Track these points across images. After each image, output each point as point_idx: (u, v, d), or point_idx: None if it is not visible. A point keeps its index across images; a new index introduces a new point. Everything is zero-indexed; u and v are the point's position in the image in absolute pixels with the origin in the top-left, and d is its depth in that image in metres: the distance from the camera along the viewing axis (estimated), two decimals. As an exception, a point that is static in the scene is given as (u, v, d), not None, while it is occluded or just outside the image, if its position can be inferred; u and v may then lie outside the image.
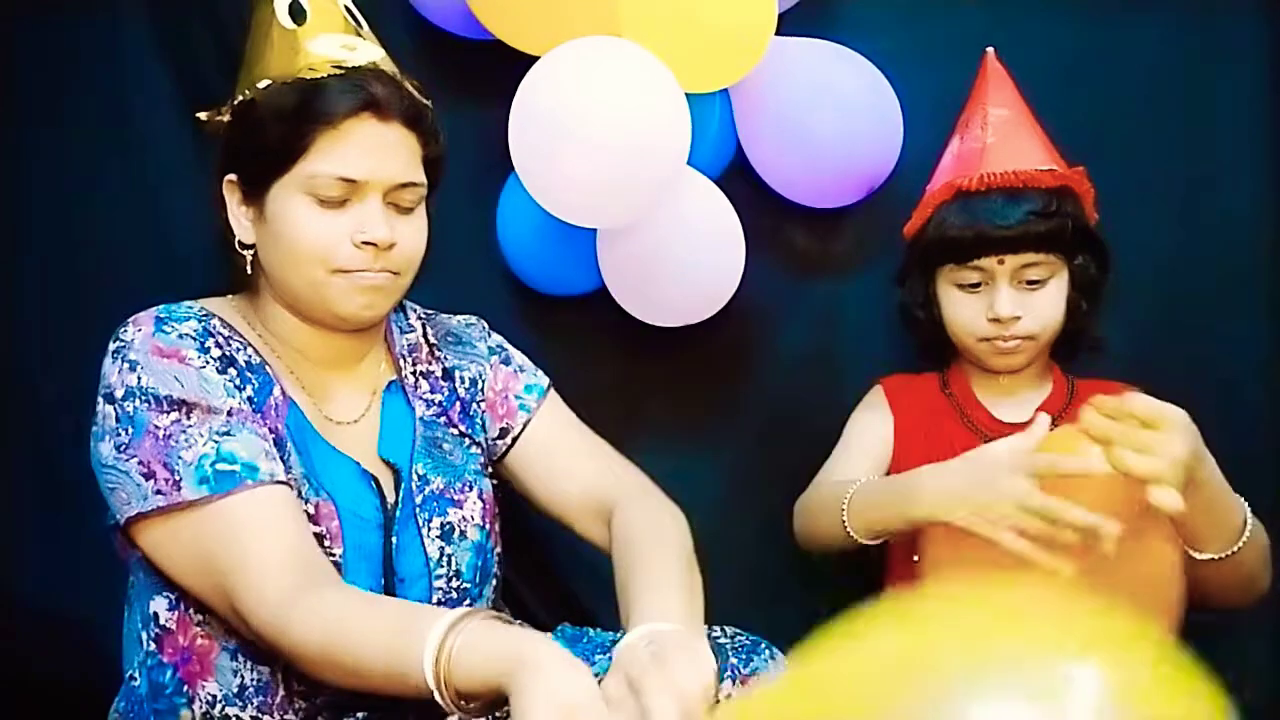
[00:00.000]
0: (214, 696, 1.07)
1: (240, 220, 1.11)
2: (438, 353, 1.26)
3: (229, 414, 1.01)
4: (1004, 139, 1.31)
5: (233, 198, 1.11)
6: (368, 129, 1.07)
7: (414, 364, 1.23)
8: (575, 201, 1.34)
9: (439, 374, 1.25)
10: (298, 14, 1.10)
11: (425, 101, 1.14)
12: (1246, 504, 1.13)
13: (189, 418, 1.00)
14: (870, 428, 1.41)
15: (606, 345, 1.64)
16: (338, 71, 1.08)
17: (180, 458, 0.99)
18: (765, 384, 1.67)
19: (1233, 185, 1.54)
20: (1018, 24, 1.53)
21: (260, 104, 1.07)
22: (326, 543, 1.06)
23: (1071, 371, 1.40)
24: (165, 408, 1.01)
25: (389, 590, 1.12)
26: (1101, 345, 1.36)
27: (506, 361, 1.30)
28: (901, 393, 1.43)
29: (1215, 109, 1.54)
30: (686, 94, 1.34)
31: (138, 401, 1.01)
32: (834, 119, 1.45)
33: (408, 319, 1.27)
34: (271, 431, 1.06)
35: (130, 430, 1.01)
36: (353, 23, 1.14)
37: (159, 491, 0.99)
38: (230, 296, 1.17)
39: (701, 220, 1.45)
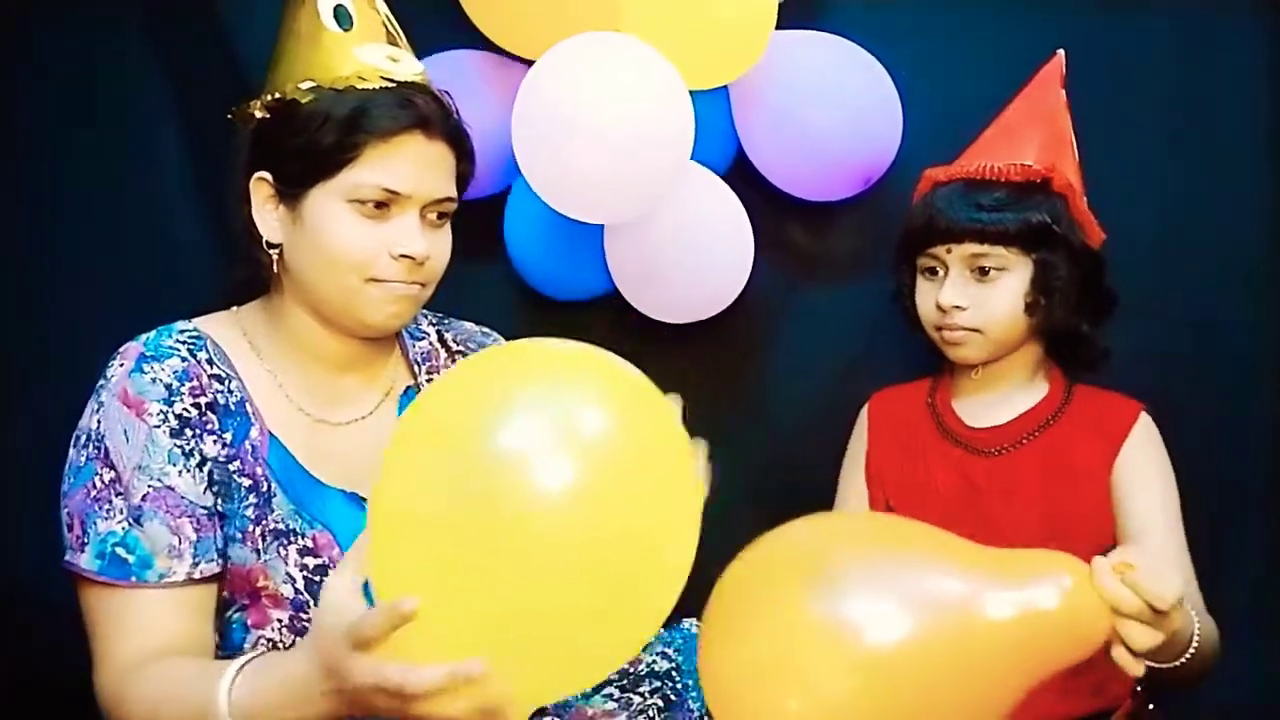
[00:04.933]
0: None
1: (268, 219, 1.10)
2: (460, 359, 1.26)
3: (143, 499, 1.02)
4: (997, 135, 1.32)
5: (260, 195, 1.10)
6: (416, 145, 1.08)
7: (428, 371, 1.24)
8: (579, 197, 1.34)
9: None
10: (342, 18, 1.10)
11: (462, 119, 1.15)
12: (1195, 613, 0.99)
13: (120, 483, 1.03)
14: (853, 457, 1.44)
15: (613, 348, 1.61)
16: (388, 84, 1.08)
17: (95, 524, 1.02)
18: (773, 383, 1.67)
19: (1232, 185, 1.54)
20: (1017, 18, 1.54)
21: (306, 106, 1.07)
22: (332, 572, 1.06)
23: (1075, 377, 1.37)
24: (109, 462, 1.03)
25: None
26: (1105, 354, 1.32)
27: None
28: (884, 409, 1.43)
29: (1215, 109, 1.54)
30: (689, 90, 1.34)
31: (91, 449, 1.04)
32: (831, 110, 1.45)
33: (419, 324, 1.27)
34: (248, 477, 1.07)
35: (73, 480, 1.04)
36: (392, 32, 1.14)
37: (70, 546, 1.03)
38: (236, 309, 1.17)
39: (710, 215, 1.46)
